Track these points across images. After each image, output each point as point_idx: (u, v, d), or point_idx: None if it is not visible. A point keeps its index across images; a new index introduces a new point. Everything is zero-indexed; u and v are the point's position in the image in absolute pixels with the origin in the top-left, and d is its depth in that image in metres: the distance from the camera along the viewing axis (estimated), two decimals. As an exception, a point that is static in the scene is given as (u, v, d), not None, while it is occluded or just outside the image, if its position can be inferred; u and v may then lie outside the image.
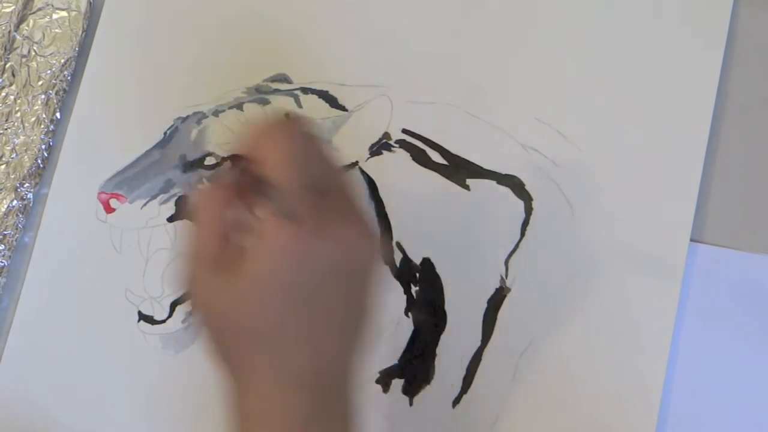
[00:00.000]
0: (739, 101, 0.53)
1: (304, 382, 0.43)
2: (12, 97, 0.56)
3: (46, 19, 0.57)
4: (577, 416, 0.50)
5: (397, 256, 0.53)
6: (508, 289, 0.52)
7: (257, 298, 0.42)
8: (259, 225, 0.42)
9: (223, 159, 0.55)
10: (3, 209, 0.55)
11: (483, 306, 0.52)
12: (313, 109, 0.55)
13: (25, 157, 0.56)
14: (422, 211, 0.53)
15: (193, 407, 0.52)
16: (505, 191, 0.53)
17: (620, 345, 0.51)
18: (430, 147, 0.54)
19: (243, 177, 0.44)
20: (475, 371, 0.51)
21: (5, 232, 0.54)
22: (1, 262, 0.54)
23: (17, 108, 0.56)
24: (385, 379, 0.52)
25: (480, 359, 0.51)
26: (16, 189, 0.55)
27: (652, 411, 0.50)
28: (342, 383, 0.46)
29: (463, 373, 0.51)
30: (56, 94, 0.56)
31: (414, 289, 0.53)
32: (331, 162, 0.45)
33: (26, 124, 0.56)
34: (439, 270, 0.53)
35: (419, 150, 0.54)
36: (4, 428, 0.53)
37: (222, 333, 0.44)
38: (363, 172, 0.54)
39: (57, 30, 0.57)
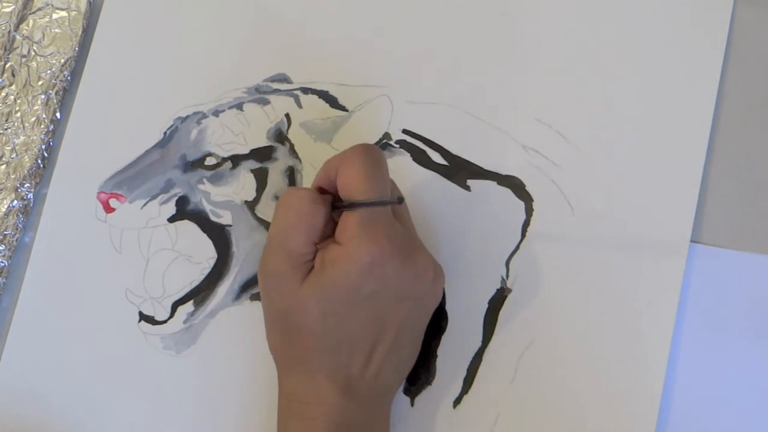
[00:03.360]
0: (739, 101, 0.53)
1: (350, 385, 0.46)
2: (12, 97, 0.56)
3: (46, 19, 0.57)
4: (578, 416, 0.50)
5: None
6: (509, 290, 0.52)
7: (333, 302, 0.45)
8: (346, 236, 0.44)
9: (223, 159, 0.55)
10: (3, 209, 0.55)
11: (484, 307, 0.52)
12: (313, 109, 0.55)
13: (25, 157, 0.56)
14: (423, 212, 0.53)
15: (194, 407, 0.52)
16: (506, 192, 0.53)
17: (620, 345, 0.51)
18: (431, 147, 0.54)
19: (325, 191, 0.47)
20: (476, 372, 0.51)
21: (5, 232, 0.54)
22: (1, 262, 0.54)
23: (17, 108, 0.56)
24: (386, 380, 0.52)
25: (481, 360, 0.51)
26: (16, 189, 0.55)
27: (652, 411, 0.50)
28: (382, 399, 0.48)
29: (464, 373, 0.51)
30: (56, 94, 0.56)
31: (414, 289, 0.53)
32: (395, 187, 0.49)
33: (26, 124, 0.56)
34: (439, 270, 0.53)
35: (419, 150, 0.54)
36: (5, 427, 0.53)
37: (288, 325, 0.46)
38: (363, 172, 0.54)
39: (57, 30, 0.57)
